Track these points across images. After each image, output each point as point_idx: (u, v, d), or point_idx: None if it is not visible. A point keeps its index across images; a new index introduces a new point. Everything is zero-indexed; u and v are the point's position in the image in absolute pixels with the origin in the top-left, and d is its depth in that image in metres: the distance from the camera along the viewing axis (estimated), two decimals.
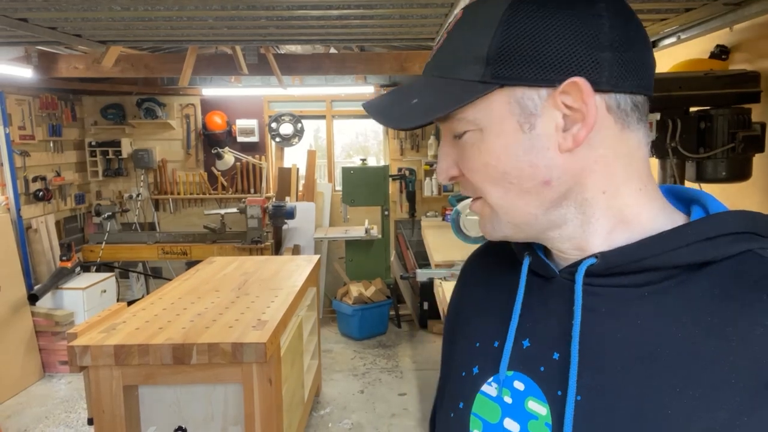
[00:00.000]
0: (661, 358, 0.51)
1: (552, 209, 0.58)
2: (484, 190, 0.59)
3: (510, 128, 0.56)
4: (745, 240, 0.53)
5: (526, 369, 0.59)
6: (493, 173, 0.57)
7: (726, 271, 0.52)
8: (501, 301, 0.65)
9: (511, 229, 0.60)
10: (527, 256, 0.64)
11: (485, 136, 0.57)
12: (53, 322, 4.43)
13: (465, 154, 0.59)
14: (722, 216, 0.55)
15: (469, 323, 0.70)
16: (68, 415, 3.84)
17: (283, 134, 5.88)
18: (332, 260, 5.90)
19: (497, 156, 0.57)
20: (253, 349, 2.32)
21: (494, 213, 0.60)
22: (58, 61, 4.24)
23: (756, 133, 1.79)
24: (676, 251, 0.53)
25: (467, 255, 3.07)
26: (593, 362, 0.54)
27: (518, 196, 0.58)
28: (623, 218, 0.58)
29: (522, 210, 0.58)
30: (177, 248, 5.38)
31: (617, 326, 0.54)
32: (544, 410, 0.56)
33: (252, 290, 3.13)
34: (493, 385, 0.62)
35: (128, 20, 2.09)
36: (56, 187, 5.27)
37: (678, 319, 0.52)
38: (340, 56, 4.50)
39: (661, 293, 0.54)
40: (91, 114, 5.85)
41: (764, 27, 1.97)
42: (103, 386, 2.35)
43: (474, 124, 0.57)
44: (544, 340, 0.59)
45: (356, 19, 2.07)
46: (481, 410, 0.62)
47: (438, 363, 3.05)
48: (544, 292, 0.61)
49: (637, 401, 0.51)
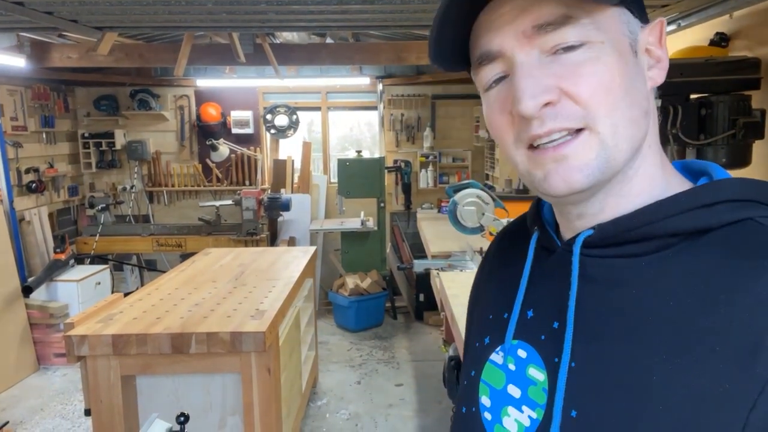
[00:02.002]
0: (652, 327, 0.51)
1: (637, 149, 0.56)
2: (597, 114, 0.52)
3: (625, 48, 0.54)
4: (746, 208, 0.52)
5: (528, 338, 0.61)
6: (615, 92, 0.53)
7: (724, 240, 0.52)
8: (512, 275, 0.67)
9: (605, 167, 0.54)
10: (536, 231, 0.66)
11: (607, 50, 0.53)
12: (47, 314, 4.40)
13: (579, 70, 0.52)
14: (722, 183, 0.54)
15: (485, 298, 0.73)
16: (64, 407, 3.82)
17: (278, 126, 5.85)
18: (328, 252, 5.89)
19: (619, 73, 0.53)
20: (252, 338, 2.31)
21: (602, 146, 0.53)
22: (51, 50, 4.19)
23: (756, 120, 1.80)
24: (671, 219, 0.53)
25: (464, 246, 3.07)
26: (588, 330, 0.55)
27: (628, 124, 0.54)
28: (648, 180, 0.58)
29: (628, 142, 0.54)
30: (172, 240, 5.35)
31: (613, 296, 0.55)
32: (542, 376, 0.58)
33: (249, 281, 3.12)
34: (500, 353, 0.64)
35: (126, 5, 2.06)
36: (49, 179, 5.22)
37: (673, 289, 0.52)
38: (336, 46, 4.47)
39: (658, 262, 0.54)
40: (83, 105, 5.79)
41: (764, 14, 1.97)
42: (100, 376, 2.34)
43: (601, 34, 0.52)
44: (545, 310, 0.61)
45: (356, 5, 2.06)
46: (488, 377, 0.65)
47: (434, 354, 3.09)
48: (548, 265, 0.63)
49: (625, 368, 0.51)
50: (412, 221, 5.82)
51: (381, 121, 6.02)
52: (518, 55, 0.53)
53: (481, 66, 0.57)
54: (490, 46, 0.55)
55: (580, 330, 0.55)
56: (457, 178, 5.91)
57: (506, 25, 0.54)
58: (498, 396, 0.63)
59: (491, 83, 0.57)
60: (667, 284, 0.52)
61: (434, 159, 5.89)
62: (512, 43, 0.53)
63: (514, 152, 0.57)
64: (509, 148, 0.58)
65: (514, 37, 0.53)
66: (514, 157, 0.58)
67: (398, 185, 5.90)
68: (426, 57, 4.22)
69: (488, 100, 0.58)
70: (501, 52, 0.54)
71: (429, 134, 5.84)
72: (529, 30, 0.53)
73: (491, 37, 0.55)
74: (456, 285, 2.90)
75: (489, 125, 0.59)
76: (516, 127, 0.56)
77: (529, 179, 0.58)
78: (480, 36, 0.56)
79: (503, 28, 0.54)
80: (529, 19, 0.52)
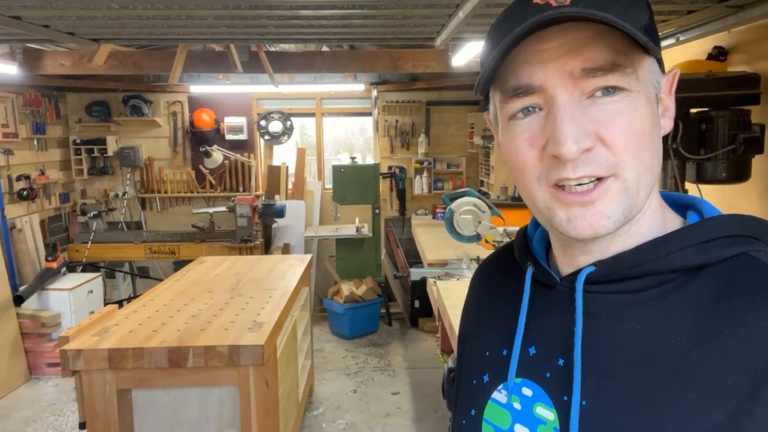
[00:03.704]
0: (660, 362, 0.52)
1: (649, 196, 0.57)
2: (626, 162, 0.53)
3: (652, 98, 0.56)
4: (740, 243, 0.55)
5: (533, 375, 0.61)
6: (644, 143, 0.54)
7: (721, 274, 0.54)
8: (507, 310, 0.66)
9: (628, 213, 0.55)
10: (530, 266, 0.65)
11: (642, 100, 0.54)
12: (39, 323, 4.34)
13: (617, 118, 0.53)
14: (716, 220, 0.56)
15: (478, 332, 0.72)
16: (56, 419, 3.77)
17: (272, 132, 5.83)
18: (322, 259, 5.87)
19: (649, 124, 0.54)
20: (250, 352, 2.29)
21: (626, 193, 0.54)
22: (44, 57, 4.15)
23: (756, 135, 1.81)
24: (672, 255, 0.55)
25: (460, 254, 3.06)
26: (596, 367, 0.55)
27: (648, 172, 0.55)
28: (651, 219, 0.59)
29: (646, 189, 0.56)
30: (165, 248, 5.31)
31: (618, 331, 0.55)
32: (552, 415, 0.58)
33: (245, 291, 3.10)
34: (503, 392, 0.63)
35: (125, 18, 2.04)
36: (40, 186, 5.16)
37: (676, 323, 0.53)
38: (332, 54, 4.46)
39: (660, 297, 0.55)
40: (75, 111, 5.74)
41: (762, 29, 1.99)
42: (96, 390, 2.31)
43: (638, 83, 0.53)
44: (548, 347, 0.61)
45: (359, 19, 2.05)
46: (492, 417, 0.64)
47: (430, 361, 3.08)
48: (547, 301, 0.63)
49: (638, 405, 0.52)
50: (406, 227, 5.81)
51: (375, 128, 6.02)
52: (561, 95, 0.53)
53: (515, 97, 0.56)
54: (531, 80, 0.54)
55: (587, 367, 0.56)
56: (452, 184, 5.92)
57: (552, 62, 0.53)
58: None
59: (518, 113, 0.56)
60: (669, 319, 0.54)
61: (429, 165, 5.89)
62: (557, 80, 0.53)
63: (535, 187, 0.57)
64: (531, 182, 0.57)
65: (560, 75, 0.53)
66: (534, 192, 0.57)
67: (393, 191, 5.89)
68: (421, 65, 4.23)
69: (513, 129, 0.57)
70: (542, 87, 0.54)
71: (423, 140, 5.84)
72: (577, 71, 0.52)
73: (533, 71, 0.54)
74: (453, 294, 2.89)
75: (510, 156, 0.58)
76: (544, 165, 0.55)
77: (548, 216, 0.57)
78: (519, 67, 0.55)
79: (548, 64, 0.53)
80: (579, 61, 0.52)
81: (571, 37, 0.52)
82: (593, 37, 0.52)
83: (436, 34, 2.36)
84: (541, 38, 0.53)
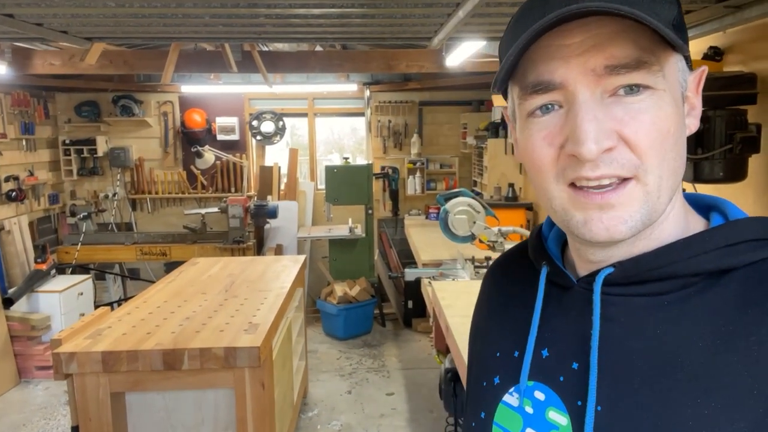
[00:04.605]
0: (681, 369, 0.50)
1: (672, 199, 0.55)
2: (649, 164, 0.51)
3: (678, 97, 0.53)
4: (766, 247, 0.52)
5: (546, 379, 0.59)
6: (668, 144, 0.51)
7: (747, 279, 0.51)
8: (520, 311, 0.64)
9: (647, 219, 0.53)
10: (545, 266, 0.63)
11: (666, 98, 0.51)
12: (29, 326, 4.28)
13: (640, 117, 0.50)
14: (742, 222, 0.54)
15: (489, 333, 0.70)
16: (47, 422, 3.72)
17: (264, 132, 5.80)
18: (315, 260, 5.85)
19: (674, 124, 0.52)
20: (246, 354, 2.27)
21: (647, 198, 0.52)
22: (33, 57, 4.09)
23: (752, 134, 1.82)
24: (695, 259, 0.53)
25: (455, 254, 3.04)
26: (612, 372, 0.53)
27: (671, 174, 0.53)
28: (674, 221, 0.57)
29: (669, 193, 0.53)
30: (156, 249, 5.26)
31: (636, 336, 0.54)
32: (565, 420, 0.56)
33: (240, 292, 3.07)
34: (515, 395, 0.61)
35: (120, 17, 2.02)
36: (29, 187, 5.10)
37: (698, 329, 0.51)
38: (326, 54, 4.45)
39: (681, 302, 0.53)
40: (64, 111, 5.68)
41: (757, 29, 2.00)
42: (89, 393, 2.27)
43: (665, 81, 0.51)
44: (562, 349, 0.59)
45: (358, 18, 2.04)
46: (503, 420, 0.62)
47: (424, 362, 3.07)
48: (563, 302, 0.61)
49: (656, 412, 0.50)
50: (399, 228, 5.81)
51: (368, 128, 6.01)
52: (582, 93, 0.51)
53: (534, 93, 0.53)
54: (551, 77, 0.52)
55: (603, 371, 0.54)
56: (445, 184, 5.92)
57: (574, 58, 0.51)
58: None
59: (536, 110, 0.54)
60: (691, 324, 0.52)
61: (422, 165, 5.88)
62: (578, 77, 0.51)
63: (553, 187, 0.55)
64: (547, 182, 0.55)
65: (582, 72, 0.51)
66: (551, 192, 0.55)
67: (386, 192, 5.88)
68: (415, 65, 4.23)
69: (530, 127, 0.55)
70: (563, 84, 0.52)
71: (416, 141, 5.84)
72: (600, 68, 0.50)
73: (554, 67, 0.52)
74: (449, 295, 2.88)
75: (526, 154, 0.56)
76: (561, 164, 0.53)
77: (564, 218, 0.55)
78: (539, 62, 0.52)
79: (570, 60, 0.51)
80: (603, 57, 0.50)
81: (595, 32, 0.50)
82: (618, 33, 0.49)
83: (434, 33, 2.34)
84: (563, 33, 0.50)
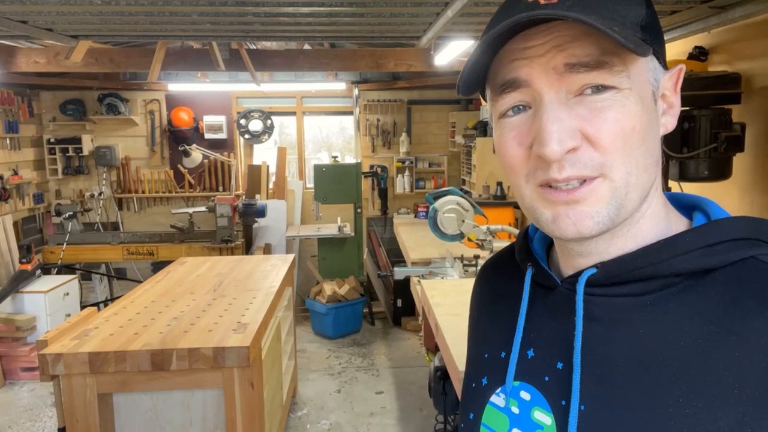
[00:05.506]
0: (663, 368, 0.51)
1: (644, 198, 0.56)
2: (614, 161, 0.52)
3: (648, 96, 0.54)
4: (748, 246, 0.52)
5: (531, 379, 0.59)
6: (634, 141, 0.52)
7: (728, 279, 0.52)
8: (508, 312, 0.65)
9: (615, 215, 0.54)
10: (530, 267, 0.64)
11: (632, 97, 0.52)
12: (14, 327, 4.23)
13: (603, 115, 0.51)
14: (723, 222, 0.55)
15: (479, 335, 0.71)
16: (33, 424, 3.68)
17: (252, 131, 5.78)
18: (304, 259, 5.83)
19: (640, 121, 0.52)
20: (235, 354, 2.26)
21: (614, 194, 0.53)
22: (17, 54, 4.04)
23: (737, 134, 1.85)
24: (676, 259, 0.53)
25: (444, 252, 3.05)
26: (596, 372, 0.54)
27: (640, 171, 0.53)
28: (654, 220, 0.58)
29: (639, 190, 0.54)
30: (143, 249, 5.21)
31: (619, 335, 0.54)
32: (549, 420, 0.57)
33: (228, 292, 3.06)
34: (501, 395, 0.62)
35: (106, 14, 1.99)
36: (14, 187, 5.04)
37: (680, 328, 0.51)
38: (314, 52, 4.44)
39: (663, 302, 0.53)
40: (49, 110, 5.61)
41: (742, 29, 2.03)
42: (76, 395, 2.25)
43: (630, 81, 0.52)
44: (547, 350, 0.59)
45: (346, 17, 2.03)
46: (490, 421, 0.63)
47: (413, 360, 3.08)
48: (547, 303, 0.61)
49: (639, 411, 0.50)
50: (388, 226, 5.81)
51: (357, 127, 6.00)
52: (547, 93, 0.52)
53: (503, 93, 0.55)
54: (517, 74, 0.54)
55: (587, 371, 0.54)
56: (434, 183, 5.93)
57: (537, 58, 0.52)
58: None
59: (508, 111, 0.56)
60: (673, 324, 0.52)
61: (410, 164, 5.89)
62: (541, 77, 0.52)
63: (523, 185, 0.57)
64: (519, 180, 0.57)
65: (544, 71, 0.52)
66: (521, 190, 0.57)
67: (374, 190, 5.88)
68: (403, 63, 4.23)
69: (502, 127, 0.57)
70: (528, 82, 0.53)
71: (405, 139, 5.85)
72: (560, 67, 0.51)
73: (519, 66, 0.53)
74: (438, 293, 2.89)
75: (500, 154, 0.58)
76: (531, 164, 0.55)
77: (534, 215, 0.57)
78: (506, 64, 0.54)
79: (534, 60, 0.52)
80: (563, 56, 0.51)
81: (559, 34, 0.51)
82: (581, 35, 0.51)
83: (423, 32, 2.35)
84: (529, 37, 0.52)
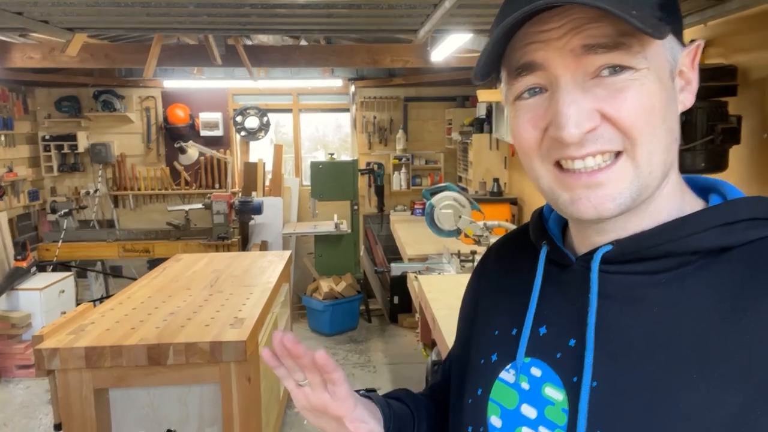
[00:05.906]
0: (676, 347, 0.51)
1: (665, 176, 0.56)
2: (637, 139, 0.52)
3: (665, 75, 0.54)
4: (765, 226, 0.53)
5: (543, 355, 0.59)
6: (655, 119, 0.52)
7: (745, 258, 0.52)
8: (519, 289, 0.65)
9: (637, 195, 0.54)
10: (545, 245, 0.64)
11: (650, 76, 0.52)
12: (9, 324, 4.21)
13: (621, 95, 0.51)
14: (740, 201, 0.55)
15: (488, 312, 0.70)
16: (29, 421, 3.67)
17: (248, 128, 5.76)
18: (301, 256, 5.82)
19: (659, 100, 0.52)
20: (232, 348, 2.26)
21: (637, 171, 0.53)
22: (11, 50, 4.02)
23: (733, 126, 1.85)
24: (693, 237, 0.53)
25: (440, 248, 3.06)
26: (609, 349, 0.54)
27: (662, 151, 0.54)
28: (670, 198, 0.57)
29: (661, 169, 0.54)
30: (139, 246, 5.20)
31: (633, 313, 0.54)
32: (561, 396, 0.57)
33: (225, 287, 3.05)
34: (511, 371, 0.62)
35: (102, 6, 1.98)
36: (8, 184, 5.02)
37: (694, 307, 0.52)
38: (310, 48, 4.43)
39: (678, 280, 0.53)
40: (44, 106, 5.58)
41: (738, 22, 2.03)
42: (72, 390, 2.24)
43: (647, 61, 0.52)
44: (560, 327, 0.59)
45: (343, 9, 2.03)
46: (498, 396, 0.63)
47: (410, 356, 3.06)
48: (561, 280, 0.61)
49: (651, 389, 0.51)
50: (385, 223, 5.81)
51: (353, 124, 5.99)
52: (563, 75, 0.52)
53: (519, 77, 0.55)
54: (533, 58, 0.54)
55: (600, 348, 0.54)
56: (430, 179, 5.93)
57: (554, 41, 0.52)
58: (510, 416, 0.61)
59: (524, 93, 0.56)
60: (688, 302, 0.52)
61: (407, 161, 5.89)
62: (557, 59, 0.52)
63: (539, 166, 0.57)
64: (534, 162, 0.57)
65: (561, 54, 0.52)
66: (537, 171, 0.57)
67: (371, 188, 5.87)
68: (400, 59, 4.22)
69: (518, 110, 0.57)
70: (544, 66, 0.53)
71: (401, 136, 5.84)
72: (578, 49, 0.51)
73: (535, 49, 0.53)
74: (435, 288, 2.90)
75: (514, 136, 0.58)
76: (546, 145, 0.55)
77: (552, 197, 0.57)
78: (522, 47, 0.54)
79: (550, 43, 0.52)
80: (580, 38, 0.51)
81: (576, 17, 0.51)
82: (598, 17, 0.50)
83: (420, 25, 2.34)
84: (545, 20, 0.52)
